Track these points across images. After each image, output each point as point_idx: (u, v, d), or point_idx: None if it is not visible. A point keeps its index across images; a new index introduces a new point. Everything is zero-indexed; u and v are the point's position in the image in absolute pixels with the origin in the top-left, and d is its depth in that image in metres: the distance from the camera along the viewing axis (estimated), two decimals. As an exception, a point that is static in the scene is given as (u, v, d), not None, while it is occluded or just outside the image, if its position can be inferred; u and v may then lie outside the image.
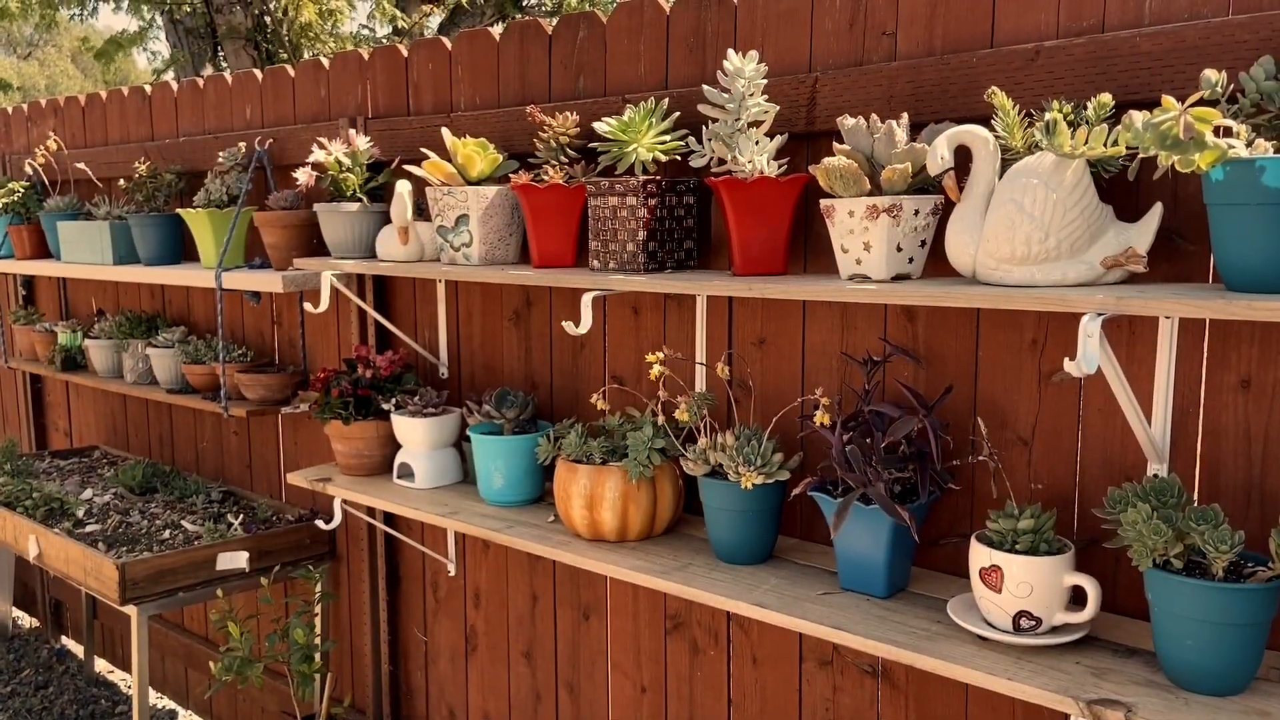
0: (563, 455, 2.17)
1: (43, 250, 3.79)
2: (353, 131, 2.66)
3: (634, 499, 2.08)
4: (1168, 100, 1.34)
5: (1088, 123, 1.53)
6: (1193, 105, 1.33)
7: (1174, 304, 1.39)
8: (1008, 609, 1.60)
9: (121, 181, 3.42)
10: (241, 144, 3.05)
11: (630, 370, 2.36)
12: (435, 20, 9.54)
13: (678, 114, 2.07)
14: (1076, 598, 1.62)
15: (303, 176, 2.62)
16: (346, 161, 2.60)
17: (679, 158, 2.06)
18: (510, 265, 2.34)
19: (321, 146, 2.62)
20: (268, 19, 8.48)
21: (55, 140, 3.85)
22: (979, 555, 1.64)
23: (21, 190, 3.79)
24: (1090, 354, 1.40)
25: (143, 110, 3.65)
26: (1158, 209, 1.55)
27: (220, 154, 3.05)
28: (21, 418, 4.50)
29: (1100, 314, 1.42)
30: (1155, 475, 1.63)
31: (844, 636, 1.70)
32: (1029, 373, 1.79)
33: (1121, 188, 1.62)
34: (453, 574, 2.83)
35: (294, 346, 3.20)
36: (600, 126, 2.06)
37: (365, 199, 2.63)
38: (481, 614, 2.79)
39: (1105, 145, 1.48)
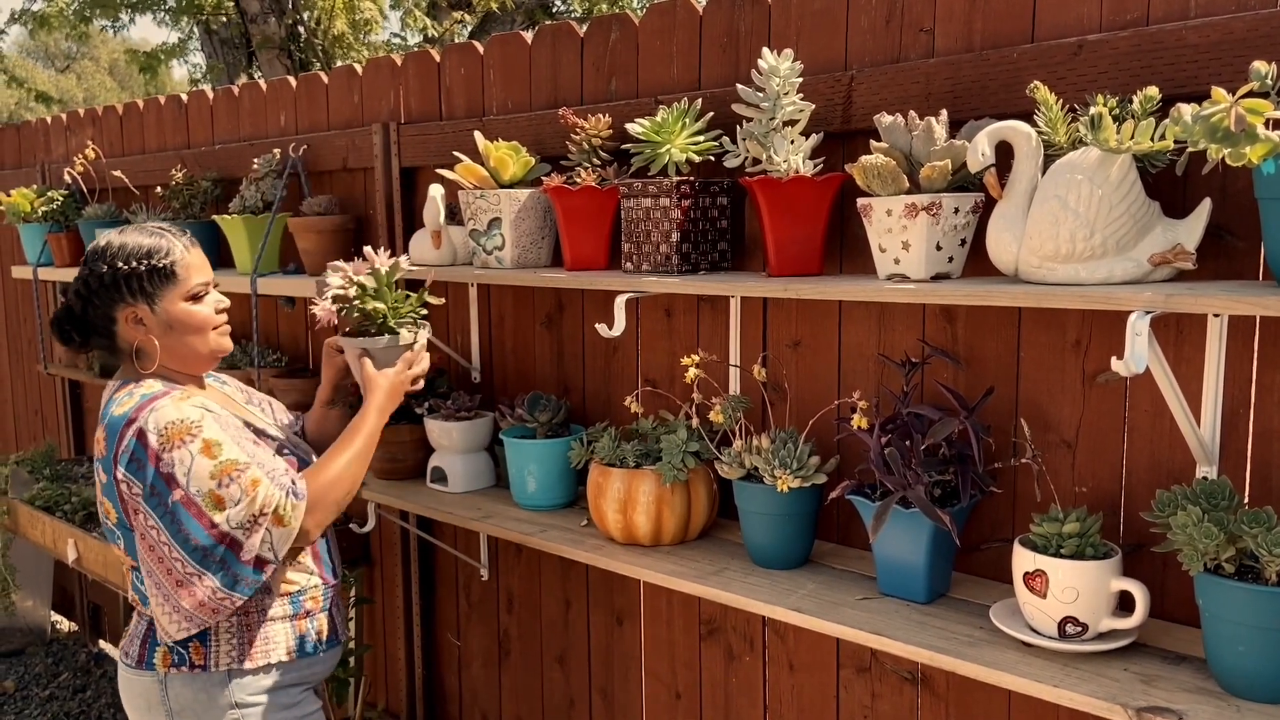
0: (596, 459, 2.16)
1: (81, 257, 3.83)
2: (369, 249, 2.05)
3: (668, 502, 2.06)
4: (1218, 92, 1.31)
5: (1133, 117, 1.49)
6: (1243, 97, 1.29)
7: (1224, 301, 1.35)
8: (1053, 615, 1.57)
9: (158, 189, 3.45)
10: (276, 150, 3.07)
11: (663, 373, 2.34)
12: (467, 29, 9.60)
13: (711, 114, 2.05)
14: (1124, 603, 1.58)
15: (320, 313, 2.03)
16: (370, 283, 2.03)
17: (713, 158, 2.05)
18: (543, 268, 2.33)
19: (337, 270, 2.04)
20: (301, 29, 8.56)
21: (93, 149, 3.90)
22: (1023, 559, 1.60)
23: (60, 198, 3.83)
24: (1139, 353, 1.37)
25: (179, 118, 3.69)
26: (1206, 204, 1.51)
27: (255, 161, 3.07)
28: (60, 423, 4.56)
29: (1149, 312, 1.39)
30: (1205, 477, 1.59)
31: (884, 642, 1.67)
32: (1072, 374, 1.75)
33: (1168, 183, 1.59)
34: (486, 578, 2.82)
35: (328, 351, 3.21)
36: (633, 128, 2.05)
37: (405, 329, 2.04)
38: (514, 619, 2.79)
39: (1152, 139, 1.44)
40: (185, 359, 1.93)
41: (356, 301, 2.01)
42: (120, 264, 1.87)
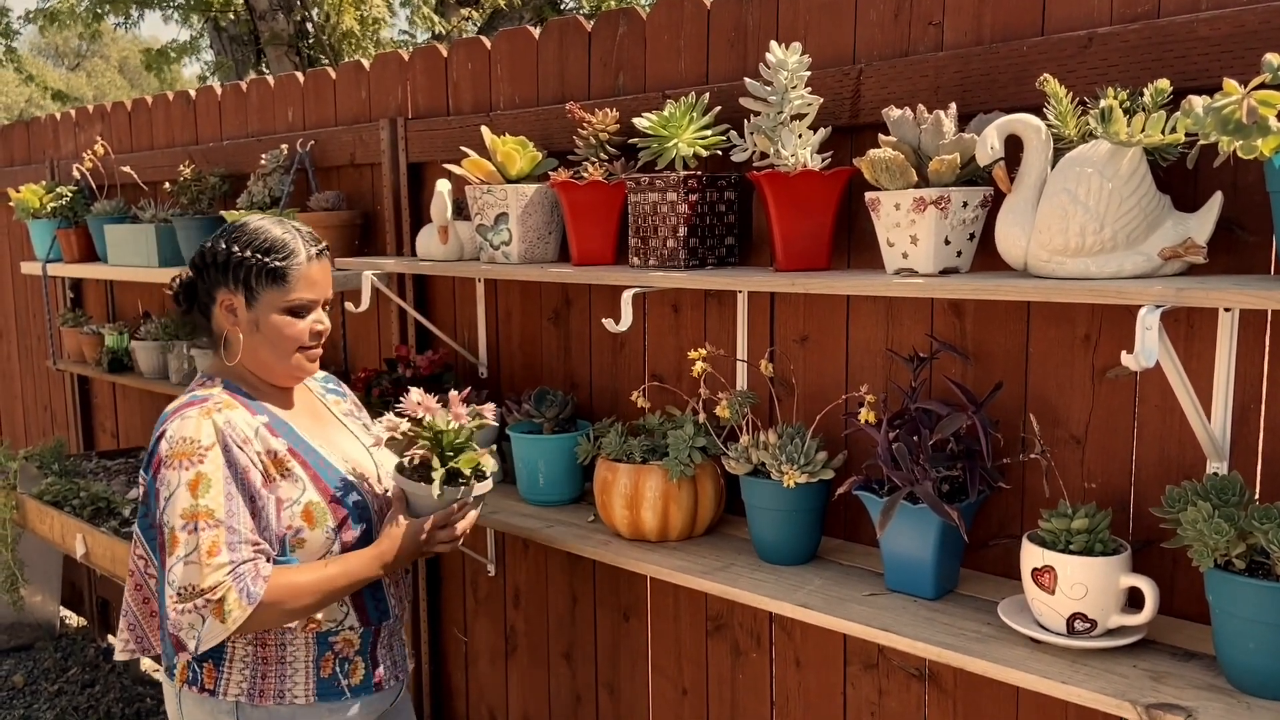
0: (603, 454, 2.16)
1: (90, 253, 3.84)
2: (488, 409, 1.91)
3: (675, 498, 2.06)
4: (1230, 84, 1.29)
5: (1144, 109, 1.48)
6: (1255, 89, 1.28)
7: (1236, 295, 1.34)
8: (1061, 611, 1.56)
9: (167, 185, 3.46)
10: (284, 146, 3.07)
11: (670, 368, 2.34)
12: (474, 26, 9.60)
13: (719, 109, 2.04)
14: (1133, 600, 1.57)
15: (383, 431, 1.89)
16: (450, 427, 1.86)
17: (720, 153, 2.04)
18: (549, 263, 2.33)
19: (421, 407, 1.85)
20: (310, 25, 8.58)
21: (102, 145, 3.91)
22: (1031, 555, 1.59)
23: (70, 194, 3.85)
24: (1149, 347, 1.36)
25: (187, 114, 3.69)
26: (1218, 198, 1.50)
27: (263, 156, 3.07)
28: (69, 419, 4.57)
29: (1159, 306, 1.38)
30: (1215, 473, 1.58)
31: (891, 638, 1.67)
32: (1081, 368, 1.74)
33: (1179, 177, 1.58)
34: (492, 574, 2.82)
35: (335, 347, 3.22)
36: (640, 122, 2.04)
37: (453, 483, 1.86)
38: (521, 614, 2.78)
39: (1163, 132, 1.43)
40: (263, 366, 1.84)
41: (415, 438, 1.86)
42: (236, 249, 1.79)
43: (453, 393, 1.91)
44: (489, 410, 1.90)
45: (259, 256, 1.79)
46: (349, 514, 1.84)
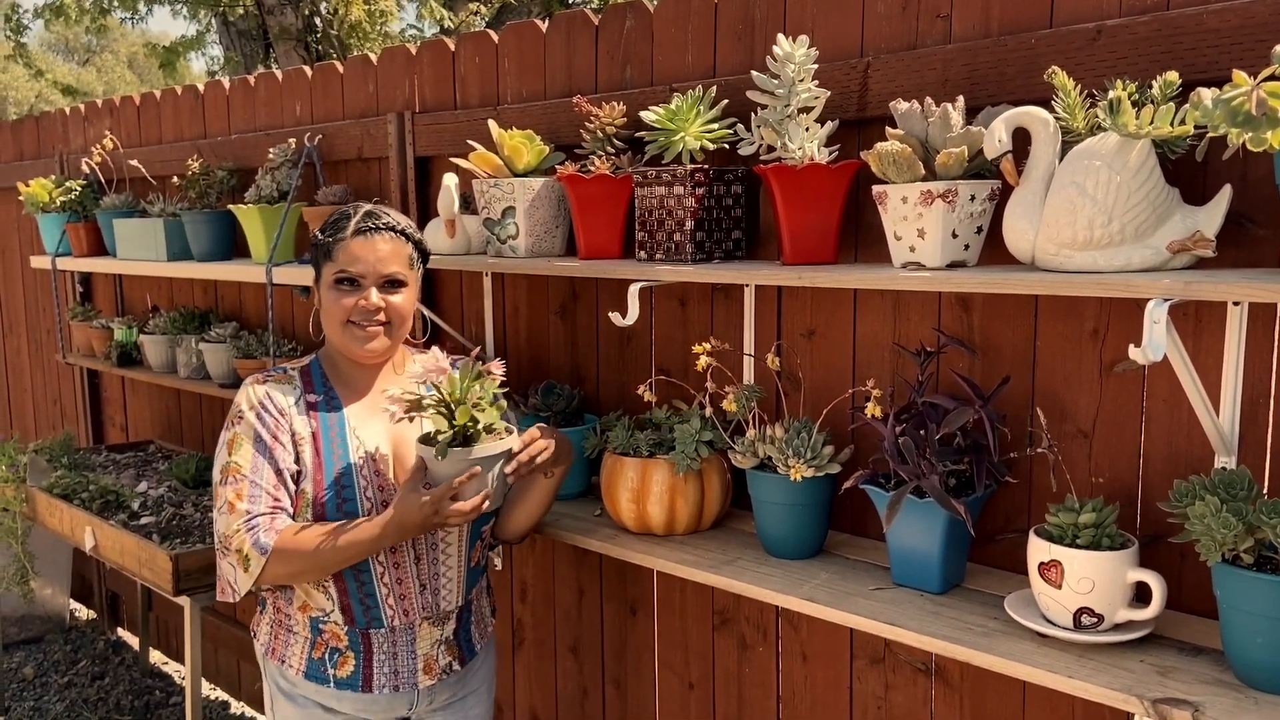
0: (609, 448, 2.16)
1: (99, 247, 3.86)
2: (497, 363, 1.89)
3: (681, 492, 2.06)
4: (1239, 75, 1.29)
5: (1153, 102, 1.47)
6: (1265, 80, 1.27)
7: (1244, 288, 1.34)
8: (1068, 605, 1.56)
9: (175, 179, 3.47)
10: (291, 140, 3.08)
11: (677, 362, 2.33)
12: (483, 21, 9.60)
13: (726, 102, 2.04)
14: (1140, 594, 1.57)
15: (421, 370, 1.82)
16: (469, 388, 1.81)
17: (727, 146, 2.04)
18: (556, 257, 2.33)
19: (435, 371, 1.80)
20: (318, 20, 8.58)
21: (111, 139, 3.92)
22: (1038, 550, 1.59)
23: (79, 189, 3.86)
24: (1157, 341, 1.35)
25: (195, 109, 3.70)
26: (1226, 191, 1.49)
27: (271, 150, 3.08)
28: (79, 413, 4.59)
29: (1167, 299, 1.37)
30: (1223, 467, 1.57)
31: (897, 632, 1.66)
32: (1089, 363, 1.74)
33: (1188, 170, 1.57)
34: (499, 568, 2.83)
35: (343, 341, 3.22)
36: (647, 115, 2.04)
37: (468, 442, 1.79)
38: (528, 608, 2.79)
39: (1172, 125, 1.43)
40: (331, 342, 1.96)
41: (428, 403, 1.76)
42: (316, 230, 1.94)
43: (435, 348, 1.84)
44: (497, 365, 1.84)
45: (318, 234, 1.93)
46: (328, 518, 1.88)
